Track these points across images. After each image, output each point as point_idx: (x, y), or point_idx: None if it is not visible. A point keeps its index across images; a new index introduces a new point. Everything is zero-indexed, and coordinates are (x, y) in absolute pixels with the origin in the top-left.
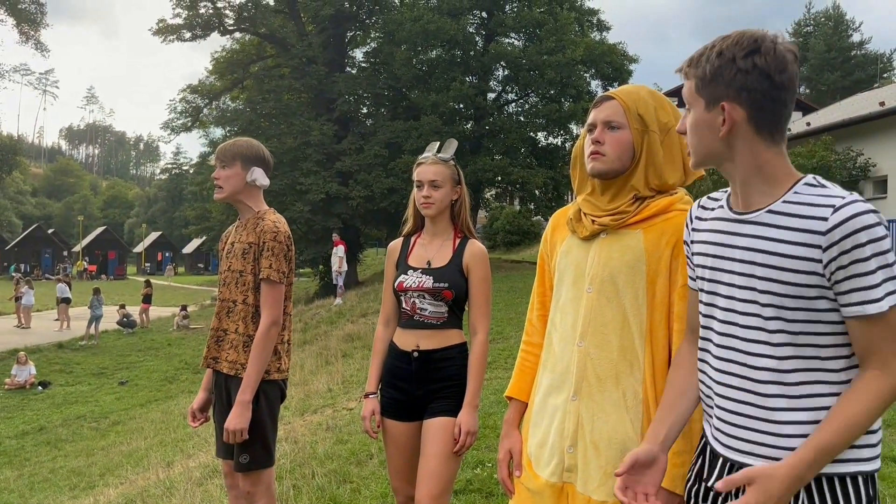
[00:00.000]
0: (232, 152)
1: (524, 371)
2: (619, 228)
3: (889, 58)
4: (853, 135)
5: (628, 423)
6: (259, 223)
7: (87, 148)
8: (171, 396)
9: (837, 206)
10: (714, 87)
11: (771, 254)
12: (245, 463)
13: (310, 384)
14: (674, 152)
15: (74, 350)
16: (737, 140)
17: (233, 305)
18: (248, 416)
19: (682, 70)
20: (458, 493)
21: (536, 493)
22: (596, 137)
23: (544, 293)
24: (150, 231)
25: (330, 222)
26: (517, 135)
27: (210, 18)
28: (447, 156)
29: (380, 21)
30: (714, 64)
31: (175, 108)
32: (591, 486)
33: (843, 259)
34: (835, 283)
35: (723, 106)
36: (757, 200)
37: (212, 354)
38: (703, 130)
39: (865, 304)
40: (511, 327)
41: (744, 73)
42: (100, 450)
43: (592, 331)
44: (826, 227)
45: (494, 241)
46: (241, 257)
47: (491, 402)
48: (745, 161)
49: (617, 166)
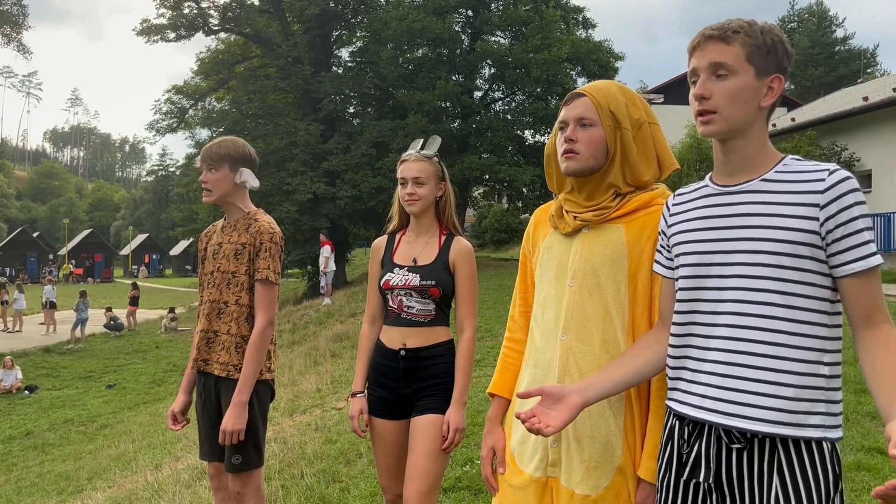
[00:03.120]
0: (219, 154)
1: (507, 367)
2: (601, 223)
3: (872, 53)
4: (837, 130)
5: (610, 417)
6: (252, 224)
7: (71, 150)
8: (159, 399)
9: (832, 170)
10: (769, 59)
11: (769, 216)
12: (237, 464)
13: (299, 384)
14: (647, 148)
15: (61, 354)
16: (760, 114)
17: (224, 307)
18: (245, 417)
19: (723, 34)
20: (446, 491)
21: (520, 488)
22: (568, 135)
23: (526, 289)
24: (136, 233)
25: (317, 222)
26: (504, 133)
27: (194, 19)
28: (431, 152)
29: (365, 20)
30: (772, 38)
31: (160, 110)
32: (575, 480)
33: (841, 216)
34: (832, 241)
35: (775, 77)
36: (745, 175)
37: (202, 356)
38: (748, 97)
39: (868, 258)
40: (499, 325)
41: (789, 56)
42: (87, 453)
43: (575, 324)
44: (824, 187)
45: (483, 239)
46: (233, 258)
47: (479, 399)
48: (756, 135)
49: (591, 164)
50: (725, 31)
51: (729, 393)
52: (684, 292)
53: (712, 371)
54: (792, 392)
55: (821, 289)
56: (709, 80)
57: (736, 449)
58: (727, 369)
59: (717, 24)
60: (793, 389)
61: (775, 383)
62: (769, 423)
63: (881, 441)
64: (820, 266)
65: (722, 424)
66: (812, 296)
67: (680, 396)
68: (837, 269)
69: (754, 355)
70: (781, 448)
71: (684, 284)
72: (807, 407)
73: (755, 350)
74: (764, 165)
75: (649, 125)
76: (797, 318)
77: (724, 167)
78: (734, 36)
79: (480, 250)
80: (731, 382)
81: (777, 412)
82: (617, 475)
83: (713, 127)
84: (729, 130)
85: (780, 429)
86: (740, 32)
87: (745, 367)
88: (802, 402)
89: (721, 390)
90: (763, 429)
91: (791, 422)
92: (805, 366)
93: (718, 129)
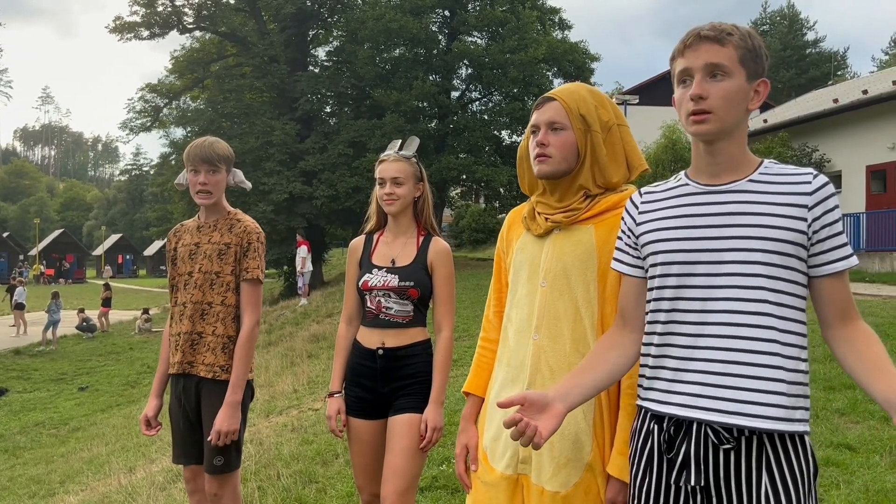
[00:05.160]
0: (219, 155)
1: (481, 367)
2: (571, 225)
3: (842, 56)
4: (808, 131)
5: (580, 415)
6: (235, 224)
7: (42, 149)
8: (133, 401)
9: (815, 174)
10: (756, 63)
11: (760, 215)
12: (219, 465)
13: (275, 385)
14: (616, 150)
15: (32, 356)
16: (745, 117)
17: (209, 307)
18: (239, 417)
19: (718, 36)
20: (424, 490)
21: (492, 485)
22: (540, 140)
23: (501, 290)
24: (109, 233)
25: (294, 222)
26: (481, 133)
27: (168, 16)
28: (409, 153)
29: (342, 19)
30: (757, 43)
31: (134, 108)
32: (545, 477)
33: (826, 217)
34: (817, 241)
35: (762, 82)
36: (730, 176)
37: (186, 359)
38: (741, 99)
39: (849, 258)
40: (476, 325)
41: (768, 61)
42: (59, 457)
43: (546, 324)
44: (811, 189)
45: (461, 239)
46: (216, 258)
47: (457, 398)
48: (740, 137)
49: (563, 167)
50: (720, 33)
51: (724, 391)
52: (664, 290)
53: (703, 370)
54: (787, 388)
55: (801, 287)
56: (705, 81)
57: (724, 449)
58: (722, 367)
59: (709, 25)
60: (787, 385)
61: (773, 379)
62: (768, 419)
63: (850, 437)
64: (801, 265)
65: (717, 422)
66: (796, 294)
67: (659, 396)
68: (819, 269)
69: (751, 352)
70: (769, 445)
71: (664, 283)
72: (798, 402)
73: (752, 347)
74: (747, 166)
75: (618, 127)
76: (786, 316)
77: (709, 167)
78: (728, 38)
79: (458, 250)
80: (726, 380)
81: (776, 408)
82: (586, 472)
83: (707, 126)
84: (720, 131)
85: (779, 424)
86: (734, 35)
87: (742, 365)
88: (795, 398)
89: (715, 388)
90: (763, 425)
91: (787, 417)
92: (794, 362)
93: (712, 129)
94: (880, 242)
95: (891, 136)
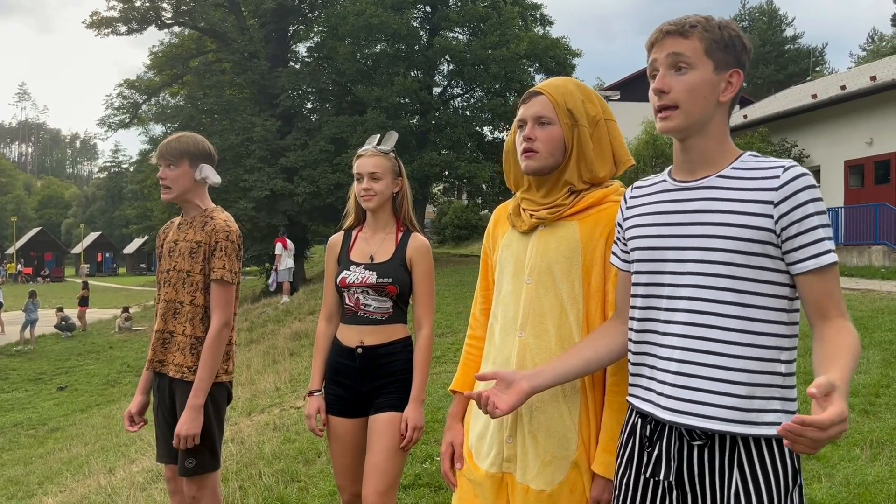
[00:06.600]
0: (178, 150)
1: (468, 365)
2: (556, 221)
3: (821, 52)
4: (788, 127)
5: (566, 412)
6: (208, 222)
7: (19, 146)
8: (113, 400)
9: (787, 167)
10: (727, 54)
11: (723, 212)
12: (191, 467)
13: (257, 384)
14: (603, 145)
15: (9, 356)
16: (720, 109)
17: (180, 306)
18: (200, 421)
19: (680, 29)
20: (406, 488)
21: (478, 483)
22: (527, 134)
23: (488, 287)
24: (88, 231)
25: (275, 219)
26: (463, 129)
27: (146, 12)
28: (387, 148)
29: (323, 15)
30: (729, 33)
31: (112, 104)
32: (530, 475)
33: (795, 213)
34: (786, 238)
35: (734, 72)
36: (703, 171)
37: (157, 357)
38: (707, 91)
39: (821, 256)
40: (459, 321)
41: (748, 51)
42: (38, 457)
43: (532, 321)
44: (778, 184)
45: (443, 235)
46: (188, 257)
47: (439, 396)
48: (716, 131)
49: (550, 162)
50: (683, 26)
51: (684, 391)
52: (641, 287)
53: (668, 369)
54: (744, 390)
55: (777, 286)
56: (668, 75)
57: (697, 446)
58: (681, 367)
59: (675, 19)
60: (745, 387)
61: (727, 381)
62: (721, 420)
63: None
64: (776, 263)
65: (680, 424)
66: (767, 293)
67: (641, 393)
68: (793, 267)
69: (707, 353)
70: (742, 444)
71: (640, 280)
72: (760, 405)
73: (708, 348)
74: (722, 161)
75: (605, 122)
76: (751, 316)
77: (684, 164)
78: (692, 30)
79: (440, 246)
80: (685, 381)
81: (728, 410)
82: (572, 470)
83: (672, 123)
84: (687, 127)
85: (733, 427)
86: (697, 27)
87: (698, 366)
88: (755, 400)
89: (677, 388)
90: (716, 427)
91: (743, 420)
92: (759, 363)
93: (677, 126)
94: (858, 237)
95: (868, 132)
